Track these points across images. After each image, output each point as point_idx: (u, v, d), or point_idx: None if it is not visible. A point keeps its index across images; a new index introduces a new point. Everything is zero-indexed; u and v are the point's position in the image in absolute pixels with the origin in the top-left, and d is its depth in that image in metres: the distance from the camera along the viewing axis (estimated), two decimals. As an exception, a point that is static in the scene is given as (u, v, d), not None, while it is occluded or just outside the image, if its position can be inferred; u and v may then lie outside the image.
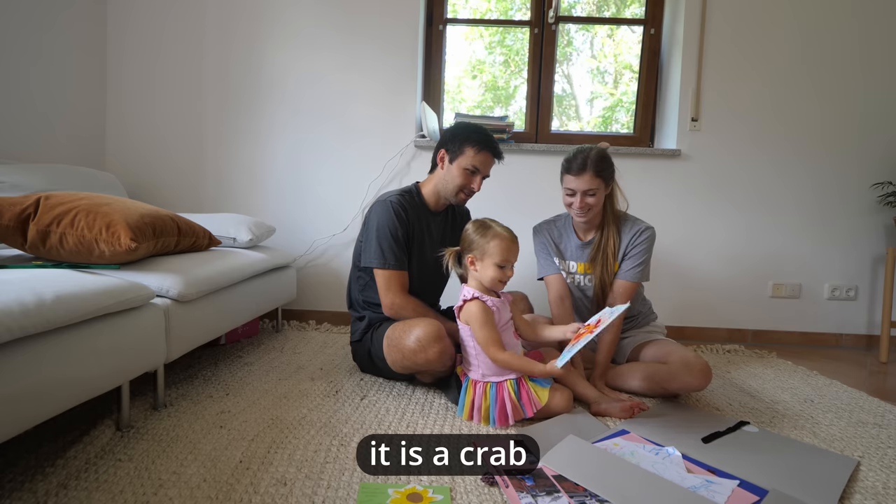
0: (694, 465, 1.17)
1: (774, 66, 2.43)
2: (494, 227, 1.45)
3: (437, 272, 1.81)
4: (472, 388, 1.42)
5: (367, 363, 1.71)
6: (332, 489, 1.02)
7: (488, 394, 1.39)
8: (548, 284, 1.81)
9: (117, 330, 1.18)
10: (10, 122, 2.03)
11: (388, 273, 1.61)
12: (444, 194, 1.70)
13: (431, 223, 1.75)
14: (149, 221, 1.48)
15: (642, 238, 1.69)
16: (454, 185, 1.66)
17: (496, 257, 1.40)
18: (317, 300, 2.57)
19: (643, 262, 1.69)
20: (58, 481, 1.01)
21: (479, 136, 1.64)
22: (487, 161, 1.65)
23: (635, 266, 1.69)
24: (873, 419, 1.52)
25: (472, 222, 1.49)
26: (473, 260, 1.44)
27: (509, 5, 2.76)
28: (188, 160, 2.55)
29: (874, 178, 2.44)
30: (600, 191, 1.64)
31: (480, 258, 1.43)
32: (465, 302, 1.43)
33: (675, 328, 2.46)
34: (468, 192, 1.68)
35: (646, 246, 1.69)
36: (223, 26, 2.49)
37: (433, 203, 1.75)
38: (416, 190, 1.75)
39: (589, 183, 1.61)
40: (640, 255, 1.69)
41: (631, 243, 1.69)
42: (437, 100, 2.64)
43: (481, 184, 1.68)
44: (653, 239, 1.71)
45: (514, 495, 1.00)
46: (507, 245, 1.41)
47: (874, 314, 2.50)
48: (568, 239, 1.80)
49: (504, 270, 1.42)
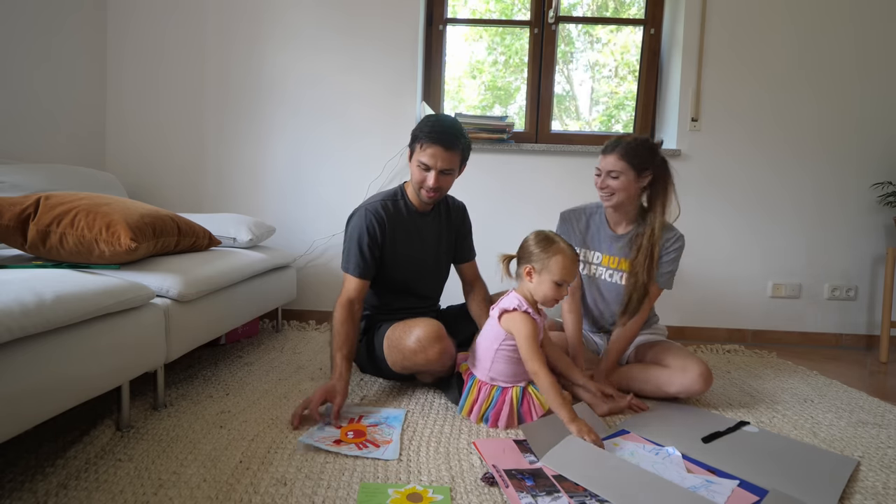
0: (694, 465, 1.17)
1: (774, 67, 2.43)
2: (558, 242, 1.38)
3: (436, 272, 1.81)
4: (477, 387, 1.41)
5: (367, 363, 1.71)
6: (332, 489, 1.02)
7: (492, 396, 1.38)
8: None
9: (117, 330, 1.18)
10: (10, 122, 2.03)
11: (346, 277, 1.58)
12: (416, 193, 1.63)
13: (420, 224, 1.69)
14: (149, 221, 1.48)
15: (676, 245, 1.63)
16: (415, 184, 1.58)
17: (556, 275, 1.34)
18: (317, 300, 2.57)
19: (673, 269, 1.65)
20: (58, 481, 1.01)
21: (427, 128, 1.50)
22: (437, 154, 1.49)
23: (666, 273, 1.64)
24: (873, 419, 1.52)
25: (535, 233, 1.43)
26: (531, 272, 1.38)
27: (509, 5, 2.76)
28: (188, 160, 2.55)
29: (874, 178, 2.45)
30: (625, 176, 1.56)
31: (539, 272, 1.37)
32: (514, 310, 1.37)
33: (675, 328, 2.46)
34: (428, 190, 1.54)
35: (677, 254, 1.64)
36: (224, 27, 2.49)
37: (418, 203, 1.67)
38: (401, 192, 1.69)
39: (613, 164, 1.56)
40: (672, 262, 1.64)
41: (665, 248, 1.63)
42: (437, 100, 2.64)
43: (445, 179, 1.55)
44: (683, 248, 1.65)
45: (514, 495, 1.00)
46: (569, 264, 1.35)
47: (874, 314, 2.50)
48: (599, 228, 1.73)
49: (561, 289, 1.36)
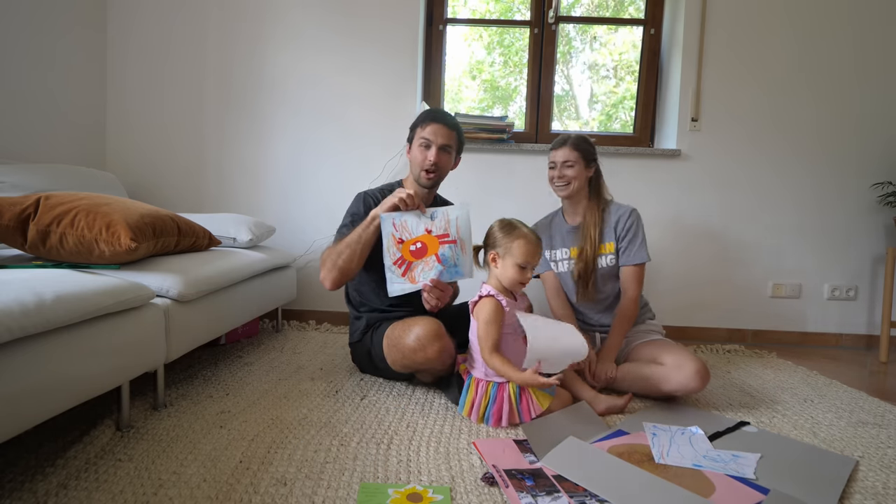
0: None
1: (774, 67, 2.43)
2: (520, 227, 1.44)
3: None
4: (475, 386, 1.42)
5: (367, 363, 1.71)
6: (332, 489, 1.02)
7: (489, 393, 1.39)
8: (544, 281, 1.88)
9: (117, 330, 1.18)
10: (10, 122, 2.03)
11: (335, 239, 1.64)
12: (416, 180, 1.71)
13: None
14: (149, 221, 1.48)
15: (631, 218, 1.75)
16: (416, 165, 1.68)
17: (518, 258, 1.40)
18: (317, 300, 2.57)
19: (640, 242, 1.74)
20: (58, 481, 1.01)
21: (425, 113, 1.69)
22: (437, 130, 1.64)
23: (634, 248, 1.73)
24: (873, 419, 1.52)
25: (499, 221, 1.49)
26: (496, 257, 1.44)
27: (509, 5, 2.76)
28: (188, 160, 2.55)
29: (874, 178, 2.44)
30: (578, 165, 1.74)
31: (502, 256, 1.43)
32: (480, 297, 1.43)
33: (675, 328, 2.46)
34: (430, 168, 1.65)
35: (636, 224, 1.75)
36: (225, 28, 2.49)
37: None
38: (399, 186, 1.77)
39: (566, 155, 1.74)
40: (635, 234, 1.74)
41: (622, 227, 1.74)
42: (437, 100, 2.64)
43: (445, 158, 1.67)
44: (639, 217, 1.77)
45: (514, 495, 1.00)
46: (531, 247, 1.41)
47: (874, 314, 2.50)
48: (559, 225, 1.87)
49: (525, 272, 1.41)
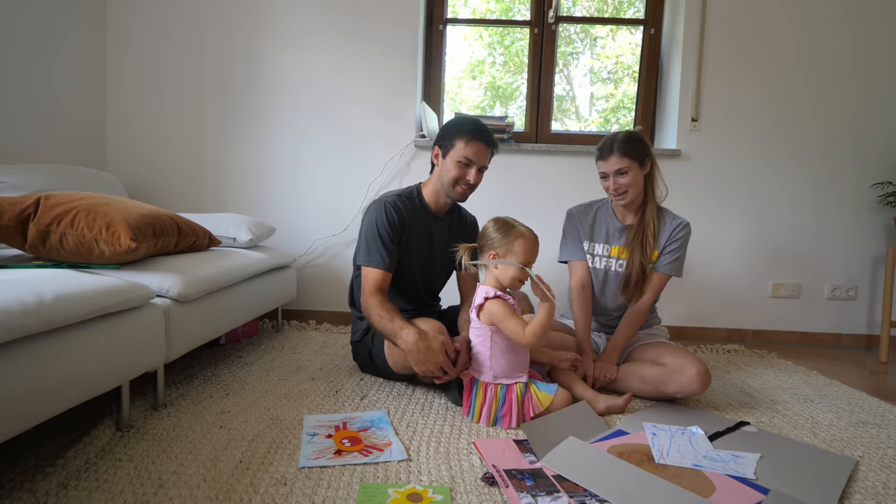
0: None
1: (774, 67, 2.43)
2: (518, 226, 1.42)
3: (441, 275, 1.81)
4: (483, 390, 1.40)
5: (368, 363, 1.71)
6: (332, 489, 1.02)
7: (498, 395, 1.38)
8: (571, 269, 1.79)
9: (117, 330, 1.18)
10: (10, 121, 2.03)
11: (368, 271, 1.57)
12: (443, 191, 1.65)
13: (433, 226, 1.71)
14: (149, 221, 1.48)
15: (683, 233, 1.69)
16: (449, 179, 1.60)
17: (519, 257, 1.38)
18: (317, 300, 2.57)
19: (680, 256, 1.70)
20: (58, 481, 1.01)
21: (468, 126, 1.59)
22: (480, 151, 1.58)
23: (673, 260, 1.69)
24: (873, 419, 1.52)
25: (494, 220, 1.45)
26: (495, 257, 1.41)
27: (509, 5, 2.76)
28: (188, 160, 2.55)
29: (874, 178, 2.44)
30: (633, 170, 1.63)
31: (503, 256, 1.40)
32: (486, 300, 1.40)
33: (675, 328, 2.46)
34: (465, 185, 1.61)
35: (684, 241, 1.70)
36: (225, 28, 2.49)
37: (434, 204, 1.70)
38: (417, 191, 1.71)
39: (617, 163, 1.62)
40: (678, 249, 1.69)
41: (671, 237, 1.69)
42: (437, 100, 2.64)
43: (480, 176, 1.61)
44: (689, 234, 1.72)
45: (514, 495, 1.00)
46: (530, 246, 1.39)
47: (874, 314, 2.50)
48: (607, 222, 1.77)
49: (525, 270, 1.39)
